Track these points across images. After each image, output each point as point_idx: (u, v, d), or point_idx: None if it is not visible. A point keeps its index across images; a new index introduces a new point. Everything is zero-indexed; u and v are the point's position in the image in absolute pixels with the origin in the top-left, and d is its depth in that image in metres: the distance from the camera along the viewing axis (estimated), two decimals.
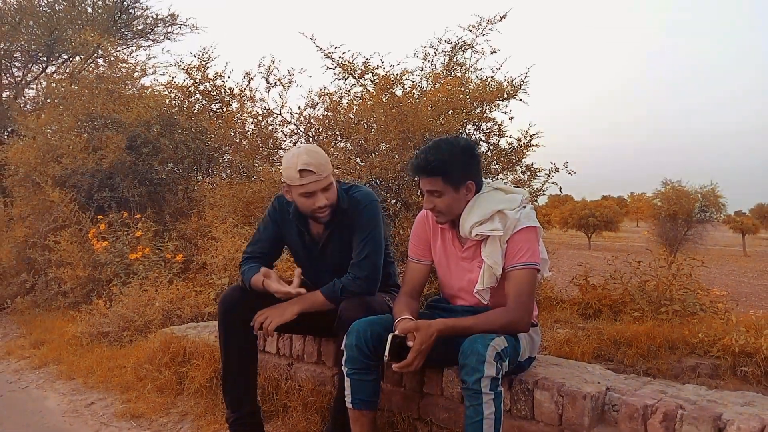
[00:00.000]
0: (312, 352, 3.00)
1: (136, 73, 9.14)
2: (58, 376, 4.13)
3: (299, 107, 6.49)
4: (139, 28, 11.66)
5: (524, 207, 2.31)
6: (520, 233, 2.25)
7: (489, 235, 2.27)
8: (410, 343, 2.15)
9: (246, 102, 6.68)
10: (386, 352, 2.13)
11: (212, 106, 7.49)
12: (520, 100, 5.34)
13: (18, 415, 3.46)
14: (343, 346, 2.27)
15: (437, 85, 5.45)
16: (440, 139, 2.37)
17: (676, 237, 24.04)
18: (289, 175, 2.51)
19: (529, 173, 5.28)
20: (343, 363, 2.26)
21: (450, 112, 5.15)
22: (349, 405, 2.27)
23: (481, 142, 5.39)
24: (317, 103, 6.27)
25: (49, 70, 10.95)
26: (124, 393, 3.59)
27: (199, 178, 7.65)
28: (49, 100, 9.35)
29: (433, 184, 2.27)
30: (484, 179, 2.40)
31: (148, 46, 11.79)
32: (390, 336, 2.14)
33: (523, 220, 2.26)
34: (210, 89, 7.43)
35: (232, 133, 6.61)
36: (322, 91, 6.24)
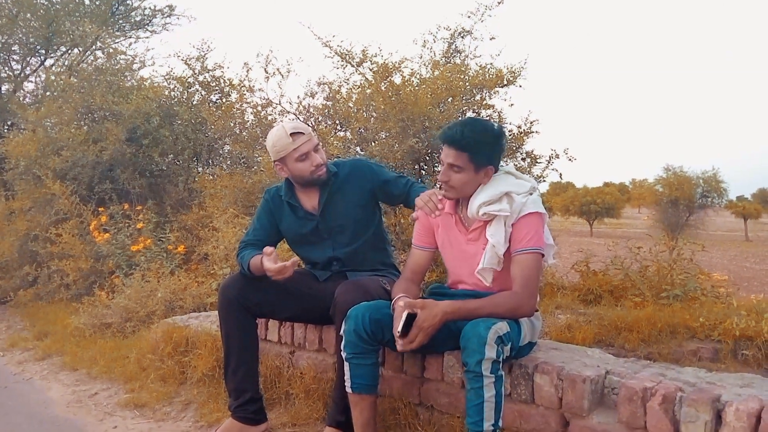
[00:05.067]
0: (314, 340, 3.01)
1: (135, 65, 9.13)
2: (62, 367, 4.16)
3: (298, 97, 6.46)
4: (137, 19, 11.60)
5: (531, 194, 2.32)
6: (525, 218, 2.26)
7: (495, 215, 2.28)
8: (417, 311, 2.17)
9: (245, 92, 6.66)
10: (399, 327, 2.12)
11: (211, 96, 7.47)
12: (520, 86, 5.32)
13: (22, 406, 3.48)
14: (341, 332, 2.29)
15: (436, 73, 5.43)
16: (476, 118, 2.40)
17: (677, 223, 24.06)
18: (282, 145, 2.65)
19: (529, 160, 5.27)
20: (342, 348, 2.28)
21: (450, 100, 5.13)
22: (348, 389, 2.28)
23: None
24: (316, 93, 6.25)
25: (47, 62, 10.91)
26: (127, 383, 3.61)
27: (200, 169, 7.65)
28: (48, 93, 9.33)
29: (457, 158, 2.28)
30: None
31: (146, 37, 11.75)
32: (405, 313, 2.13)
33: (529, 205, 2.27)
34: (209, 80, 7.41)
35: (232, 124, 6.59)
36: (321, 80, 6.22)
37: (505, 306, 2.17)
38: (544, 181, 5.31)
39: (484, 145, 2.28)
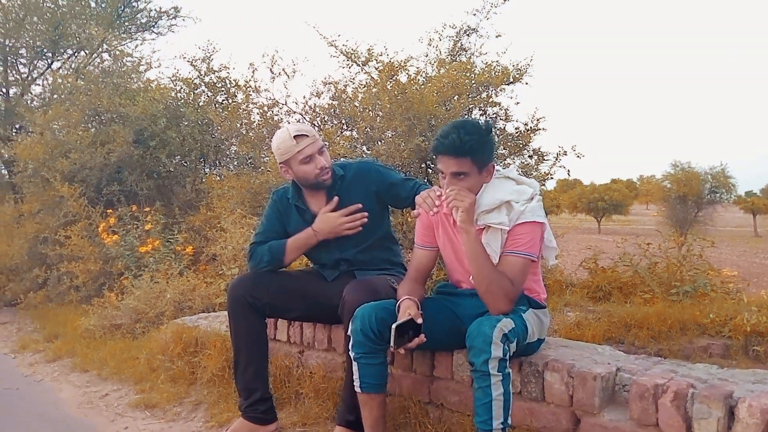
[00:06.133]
0: (323, 339, 3.01)
1: (141, 67, 9.14)
2: (73, 369, 4.18)
3: (304, 97, 6.46)
4: (143, 21, 11.61)
5: (531, 200, 2.27)
6: (522, 225, 2.23)
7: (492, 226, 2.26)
8: (419, 321, 2.17)
9: (251, 93, 6.67)
10: (391, 342, 2.12)
11: (218, 97, 7.49)
12: (526, 83, 5.30)
13: (34, 407, 3.50)
14: (349, 332, 2.29)
15: (442, 71, 5.42)
16: (462, 121, 2.34)
17: (686, 219, 23.93)
18: (286, 147, 2.65)
19: (536, 157, 5.25)
20: (350, 348, 2.28)
21: (456, 98, 5.12)
22: (357, 389, 2.29)
23: None
24: (322, 92, 6.25)
25: (54, 65, 10.92)
26: (137, 384, 3.62)
27: (207, 170, 7.67)
28: (55, 96, 9.36)
29: (461, 165, 2.21)
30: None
31: (152, 39, 11.75)
32: (393, 326, 2.12)
33: (527, 213, 2.23)
34: (215, 81, 7.43)
35: (238, 125, 6.60)
36: (327, 79, 6.22)
37: (493, 283, 2.15)
38: (552, 178, 5.30)
39: (482, 145, 2.23)
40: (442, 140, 2.21)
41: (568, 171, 5.27)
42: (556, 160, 5.12)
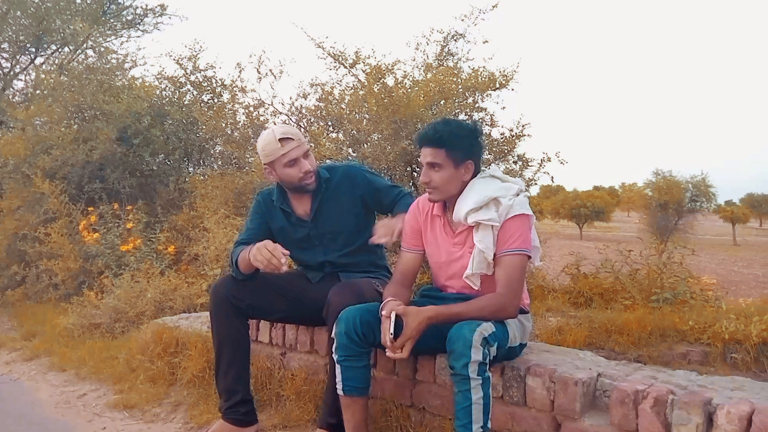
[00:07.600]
0: (305, 342, 3.00)
1: (126, 64, 9.09)
2: (50, 368, 4.12)
3: (291, 98, 6.46)
4: (129, 18, 11.55)
5: (517, 195, 2.30)
6: (512, 220, 2.25)
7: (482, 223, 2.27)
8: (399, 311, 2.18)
9: (237, 93, 6.64)
10: (391, 329, 2.14)
11: (203, 96, 7.45)
12: (512, 90, 5.33)
13: (10, 407, 3.45)
14: (333, 334, 2.28)
15: (429, 75, 5.43)
16: (449, 118, 2.39)
17: (666, 227, 24.13)
18: (271, 149, 2.63)
19: (521, 163, 5.28)
20: (333, 350, 2.27)
21: (442, 102, 5.14)
22: (340, 392, 2.28)
23: None
24: (309, 94, 6.24)
25: (37, 61, 10.84)
26: (116, 384, 3.58)
27: (191, 169, 7.62)
28: (38, 92, 9.27)
29: (435, 156, 2.28)
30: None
31: (138, 36, 11.69)
32: (393, 314, 2.14)
33: (516, 207, 2.26)
34: (201, 80, 7.38)
35: (224, 124, 6.57)
36: (314, 81, 6.22)
37: (489, 308, 2.17)
38: (536, 184, 5.33)
39: (460, 139, 2.28)
40: (421, 131, 2.35)
41: (552, 177, 5.31)
42: (540, 166, 5.16)
